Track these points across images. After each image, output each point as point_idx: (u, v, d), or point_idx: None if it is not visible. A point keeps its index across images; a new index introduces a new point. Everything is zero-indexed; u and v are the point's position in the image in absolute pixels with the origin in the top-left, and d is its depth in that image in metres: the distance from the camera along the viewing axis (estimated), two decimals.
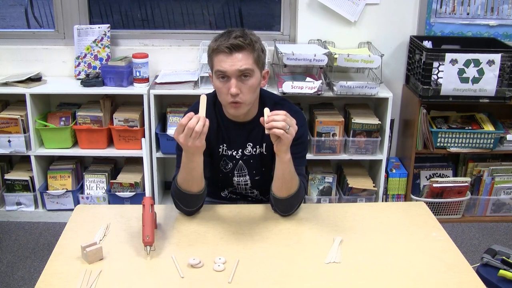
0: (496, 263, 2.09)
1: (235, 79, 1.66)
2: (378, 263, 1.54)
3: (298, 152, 1.79)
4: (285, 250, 1.60)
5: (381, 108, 3.08)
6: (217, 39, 1.69)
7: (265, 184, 1.87)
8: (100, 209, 1.98)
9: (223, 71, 1.66)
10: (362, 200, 3.10)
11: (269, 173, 1.85)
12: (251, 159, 1.86)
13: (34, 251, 2.84)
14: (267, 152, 1.85)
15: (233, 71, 1.65)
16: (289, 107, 1.83)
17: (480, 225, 3.18)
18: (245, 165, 1.88)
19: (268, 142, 1.81)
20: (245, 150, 1.85)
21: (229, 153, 1.86)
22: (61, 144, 3.03)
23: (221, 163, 1.88)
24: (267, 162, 1.87)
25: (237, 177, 1.90)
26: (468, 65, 2.85)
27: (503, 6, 3.09)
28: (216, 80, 1.71)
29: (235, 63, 1.64)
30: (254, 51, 1.68)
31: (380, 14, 3.08)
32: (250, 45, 1.67)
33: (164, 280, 1.46)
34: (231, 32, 1.68)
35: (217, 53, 1.67)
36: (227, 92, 1.67)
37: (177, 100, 3.07)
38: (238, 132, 1.83)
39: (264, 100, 1.82)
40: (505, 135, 3.09)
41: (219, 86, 1.70)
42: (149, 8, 5.19)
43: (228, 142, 1.85)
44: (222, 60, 1.66)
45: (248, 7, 5.72)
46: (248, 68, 1.66)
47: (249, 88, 1.68)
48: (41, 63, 3.13)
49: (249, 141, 1.84)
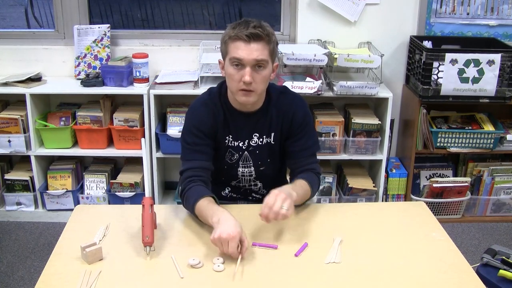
0: (496, 263, 2.09)
1: (250, 67, 1.67)
2: (378, 263, 1.54)
3: (307, 141, 1.86)
4: (285, 250, 1.60)
5: (381, 108, 3.08)
6: (235, 27, 1.69)
7: (270, 175, 1.90)
8: (100, 209, 1.99)
9: (239, 58, 1.67)
10: (362, 200, 3.10)
11: (274, 164, 1.88)
12: (257, 149, 1.87)
13: (34, 251, 2.84)
14: (275, 142, 1.87)
15: (250, 60, 1.66)
16: (293, 95, 1.91)
17: (480, 225, 3.18)
18: (251, 156, 1.88)
19: (276, 131, 1.86)
20: (251, 141, 1.86)
21: (235, 144, 1.86)
22: (61, 144, 3.03)
23: (227, 155, 1.88)
24: (274, 152, 1.89)
25: (242, 168, 1.91)
26: (468, 65, 2.85)
27: (503, 6, 3.09)
28: (229, 67, 1.71)
29: (252, 52, 1.66)
30: (270, 43, 1.70)
31: (380, 14, 3.08)
32: (268, 37, 1.69)
33: (164, 281, 1.46)
34: (249, 22, 1.69)
35: (234, 40, 1.68)
36: (240, 80, 1.69)
37: (177, 100, 3.07)
38: (244, 122, 1.84)
39: (270, 90, 1.85)
40: (505, 135, 3.08)
41: (232, 72, 1.70)
42: (149, 8, 5.20)
43: (234, 132, 1.85)
44: (240, 47, 1.66)
45: (248, 7, 5.72)
46: (264, 59, 1.68)
47: (262, 78, 1.71)
48: (41, 63, 3.13)
49: (255, 132, 1.85)
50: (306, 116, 1.86)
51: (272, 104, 1.84)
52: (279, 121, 1.85)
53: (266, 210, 1.56)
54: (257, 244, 1.61)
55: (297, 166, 1.88)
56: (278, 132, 1.86)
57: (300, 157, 1.87)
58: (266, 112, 1.84)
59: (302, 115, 1.85)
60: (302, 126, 1.85)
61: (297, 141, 1.86)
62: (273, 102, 1.85)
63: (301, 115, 1.85)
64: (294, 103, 1.86)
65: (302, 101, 1.90)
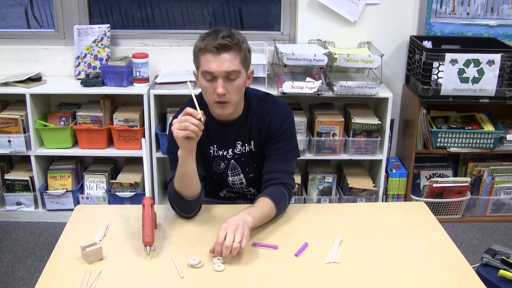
0: (496, 263, 2.09)
1: (222, 79, 1.65)
2: (378, 263, 1.54)
3: (283, 146, 1.81)
4: (285, 250, 1.60)
5: (381, 108, 3.08)
6: (204, 38, 1.67)
7: (261, 181, 1.87)
8: (100, 209, 1.99)
9: (210, 71, 1.65)
10: (362, 200, 3.10)
11: (262, 169, 1.85)
12: (242, 157, 1.86)
13: (34, 251, 2.84)
14: (256, 149, 1.86)
15: (220, 72, 1.64)
16: (273, 102, 1.85)
17: (480, 225, 3.18)
18: (238, 164, 1.88)
19: (255, 138, 1.84)
20: (235, 149, 1.85)
21: (220, 153, 1.86)
22: (61, 144, 3.03)
23: (214, 164, 1.88)
24: (258, 158, 1.87)
25: (232, 176, 1.90)
26: (468, 65, 2.85)
27: (503, 6, 3.09)
28: (202, 80, 1.70)
29: (223, 64, 1.64)
30: (241, 51, 1.68)
31: (380, 14, 3.08)
32: (238, 45, 1.66)
33: (164, 280, 1.46)
34: (218, 31, 1.66)
35: (204, 52, 1.66)
36: (213, 92, 1.67)
37: (177, 100, 3.07)
38: (226, 131, 1.83)
39: (249, 97, 1.83)
40: (505, 135, 3.08)
41: (206, 85, 1.69)
42: (149, 8, 5.20)
43: (218, 142, 1.85)
44: (210, 60, 1.65)
45: (248, 7, 5.73)
46: (235, 70, 1.66)
47: (235, 88, 1.69)
48: (41, 63, 3.13)
49: (238, 140, 1.84)
50: (285, 122, 1.81)
51: (251, 111, 1.82)
52: (257, 128, 1.82)
53: (218, 247, 1.49)
54: (257, 244, 1.61)
55: (268, 171, 1.81)
56: (257, 139, 1.83)
57: (272, 161, 1.81)
58: (246, 120, 1.81)
59: (280, 121, 1.80)
60: (280, 132, 1.80)
61: (272, 145, 1.82)
62: (253, 109, 1.82)
63: (278, 121, 1.79)
64: (273, 110, 1.82)
65: (283, 107, 1.84)
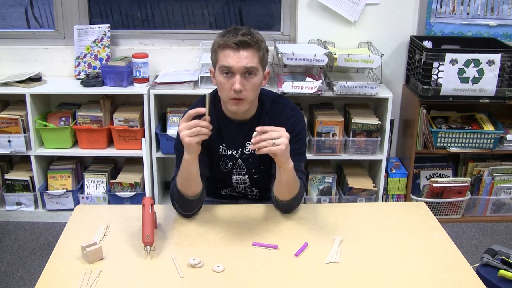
0: (496, 263, 2.09)
1: (239, 75, 1.66)
2: (378, 263, 1.54)
3: (297, 148, 1.80)
4: (285, 250, 1.60)
5: (381, 108, 3.08)
6: (224, 35, 1.68)
7: (265, 182, 1.87)
8: (100, 209, 1.98)
9: (228, 66, 1.66)
10: (362, 200, 3.11)
11: (267, 172, 1.85)
12: (250, 158, 1.86)
13: (34, 251, 2.84)
14: None
15: (239, 67, 1.65)
16: (286, 104, 1.87)
17: (480, 225, 3.18)
18: (244, 164, 1.88)
19: None
20: (244, 149, 1.85)
21: (229, 152, 1.86)
22: (61, 144, 3.03)
23: (221, 163, 1.88)
24: (266, 161, 1.87)
25: (236, 175, 1.90)
26: (468, 65, 2.85)
27: (503, 6, 3.09)
28: (219, 76, 1.70)
29: (241, 60, 1.65)
30: (260, 50, 1.69)
31: (380, 14, 3.08)
32: (257, 44, 1.68)
33: (164, 280, 1.46)
34: (238, 29, 1.68)
35: (223, 48, 1.67)
36: (230, 88, 1.68)
37: (177, 100, 3.07)
38: (237, 131, 1.83)
39: (262, 98, 1.83)
40: (505, 135, 3.09)
41: (223, 81, 1.69)
42: (149, 8, 5.19)
43: (227, 141, 1.85)
44: (228, 55, 1.66)
45: (248, 7, 5.72)
46: (253, 66, 1.67)
47: (252, 86, 1.69)
48: (41, 63, 3.13)
49: (248, 140, 1.84)
50: (297, 125, 1.82)
51: (264, 112, 1.83)
52: None
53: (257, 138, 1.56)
54: (257, 244, 1.61)
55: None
56: None
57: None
58: (259, 121, 1.81)
59: (292, 124, 1.80)
60: (293, 135, 1.76)
61: None
62: (266, 110, 1.83)
63: (291, 124, 1.79)
64: (285, 112, 1.83)
65: (295, 110, 1.86)
